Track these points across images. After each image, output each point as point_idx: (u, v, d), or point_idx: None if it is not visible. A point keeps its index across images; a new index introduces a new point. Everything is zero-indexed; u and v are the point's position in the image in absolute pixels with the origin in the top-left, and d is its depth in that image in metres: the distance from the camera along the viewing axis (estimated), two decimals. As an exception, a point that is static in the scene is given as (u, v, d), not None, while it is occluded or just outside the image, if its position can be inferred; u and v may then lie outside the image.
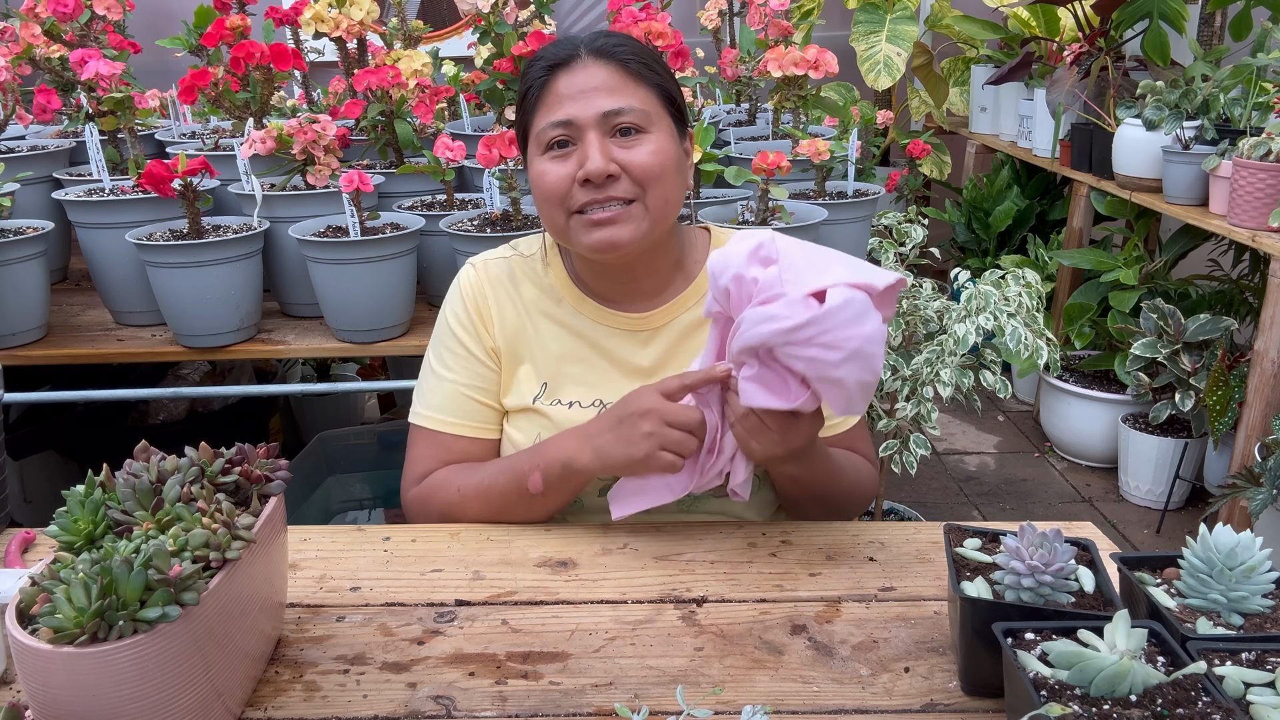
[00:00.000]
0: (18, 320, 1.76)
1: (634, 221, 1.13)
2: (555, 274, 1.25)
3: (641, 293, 1.23)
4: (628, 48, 1.15)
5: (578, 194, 1.12)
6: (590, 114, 1.11)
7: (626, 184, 1.12)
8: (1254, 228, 2.35)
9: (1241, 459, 2.42)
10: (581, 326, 1.23)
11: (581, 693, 0.87)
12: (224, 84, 1.92)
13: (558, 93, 1.13)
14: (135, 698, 0.71)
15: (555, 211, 1.14)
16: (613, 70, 1.13)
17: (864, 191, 1.93)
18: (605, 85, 1.12)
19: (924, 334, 2.23)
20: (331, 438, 2.32)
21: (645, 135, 1.12)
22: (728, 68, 2.31)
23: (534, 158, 1.15)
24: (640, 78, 1.14)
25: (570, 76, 1.13)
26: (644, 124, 1.13)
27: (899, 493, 3.04)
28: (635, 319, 1.23)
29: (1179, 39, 3.05)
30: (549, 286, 1.25)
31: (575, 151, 1.12)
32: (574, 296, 1.24)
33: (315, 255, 1.70)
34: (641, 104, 1.13)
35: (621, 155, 1.11)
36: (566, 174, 1.12)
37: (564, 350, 1.23)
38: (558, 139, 1.12)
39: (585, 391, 1.21)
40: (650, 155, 1.12)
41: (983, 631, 0.79)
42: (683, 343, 1.23)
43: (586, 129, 1.11)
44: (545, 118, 1.13)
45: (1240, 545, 0.81)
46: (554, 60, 1.14)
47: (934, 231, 3.08)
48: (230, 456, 0.88)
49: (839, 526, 1.16)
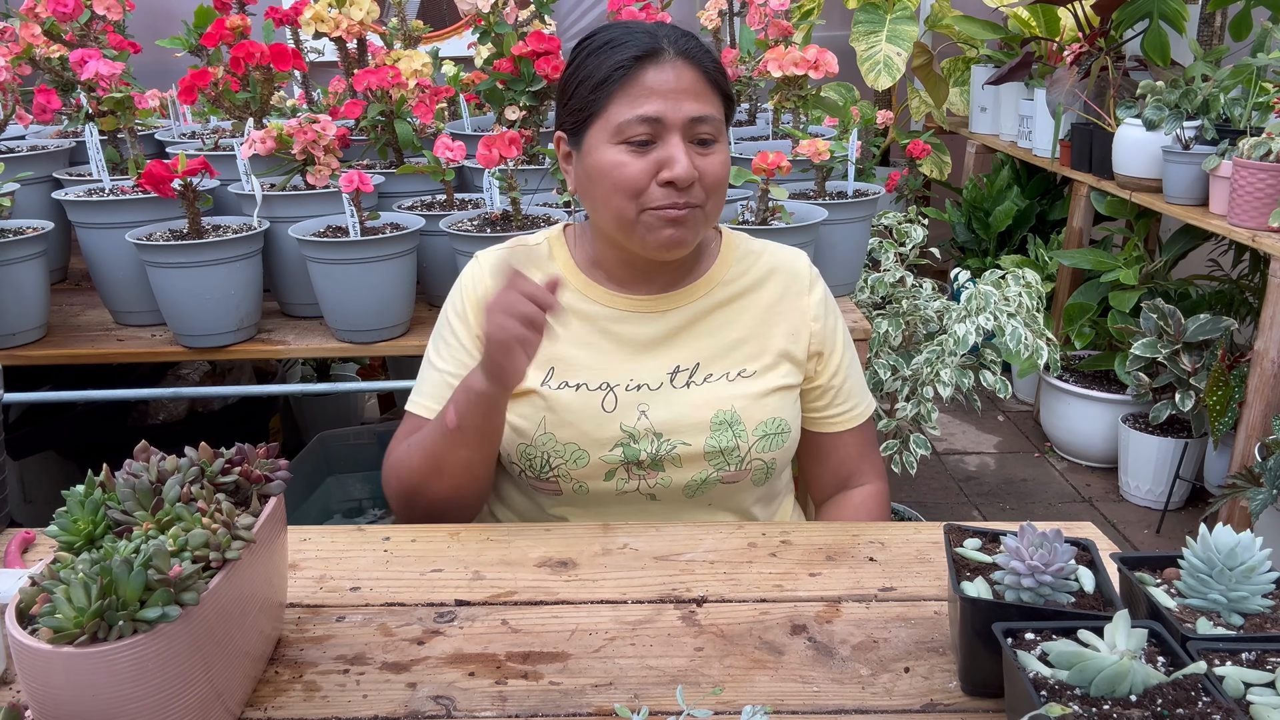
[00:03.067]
0: (18, 320, 1.76)
1: (697, 226, 1.17)
2: (561, 262, 1.28)
3: (657, 280, 1.25)
4: (709, 56, 1.17)
5: (656, 193, 1.13)
6: (680, 116, 1.12)
7: (698, 191, 1.15)
8: (1254, 228, 2.35)
9: (1241, 459, 2.42)
10: (588, 310, 1.25)
11: (581, 693, 0.87)
12: (224, 84, 1.92)
13: (646, 85, 1.12)
14: (135, 698, 0.71)
15: (626, 203, 1.14)
16: (697, 75, 1.14)
17: (864, 191, 1.93)
18: (692, 89, 1.13)
19: (924, 334, 2.24)
20: (331, 438, 2.32)
21: (717, 144, 1.16)
22: (728, 68, 2.31)
23: (603, 144, 1.14)
24: (716, 87, 1.16)
25: (659, 72, 1.13)
26: (716, 134, 1.16)
27: (899, 493, 3.04)
28: (644, 300, 1.25)
29: (1179, 39, 3.05)
30: (554, 272, 1.26)
31: (655, 150, 1.13)
32: (581, 282, 1.26)
33: (315, 255, 1.70)
34: (717, 113, 1.16)
35: (699, 162, 1.14)
36: (646, 170, 1.13)
37: (570, 334, 1.24)
38: (641, 135, 1.12)
39: (592, 375, 1.22)
40: (720, 166, 1.16)
41: (983, 631, 0.79)
42: (691, 326, 1.25)
43: (673, 130, 1.12)
44: (630, 109, 1.12)
45: (1240, 545, 0.81)
46: (641, 51, 1.13)
47: (934, 231, 3.09)
48: (230, 456, 0.88)
49: (839, 526, 1.17)
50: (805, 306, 1.28)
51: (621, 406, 1.21)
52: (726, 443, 1.20)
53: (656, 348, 1.24)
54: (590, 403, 1.21)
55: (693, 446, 1.20)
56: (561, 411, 1.21)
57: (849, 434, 1.31)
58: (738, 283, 1.27)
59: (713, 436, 1.20)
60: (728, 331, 1.25)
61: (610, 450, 1.20)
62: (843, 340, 1.31)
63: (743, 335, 1.25)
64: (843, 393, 1.30)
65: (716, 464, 1.21)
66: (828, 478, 1.34)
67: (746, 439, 1.21)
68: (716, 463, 1.21)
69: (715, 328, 1.25)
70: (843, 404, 1.30)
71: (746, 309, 1.26)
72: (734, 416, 1.21)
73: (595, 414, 1.21)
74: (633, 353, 1.24)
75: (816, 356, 1.27)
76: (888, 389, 2.16)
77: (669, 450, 1.20)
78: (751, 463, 1.21)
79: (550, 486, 1.23)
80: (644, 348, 1.24)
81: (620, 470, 1.21)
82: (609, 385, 1.22)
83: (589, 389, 1.22)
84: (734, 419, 1.20)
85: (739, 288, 1.27)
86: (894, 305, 2.24)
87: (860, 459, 1.33)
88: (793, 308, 1.27)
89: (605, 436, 1.20)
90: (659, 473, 1.21)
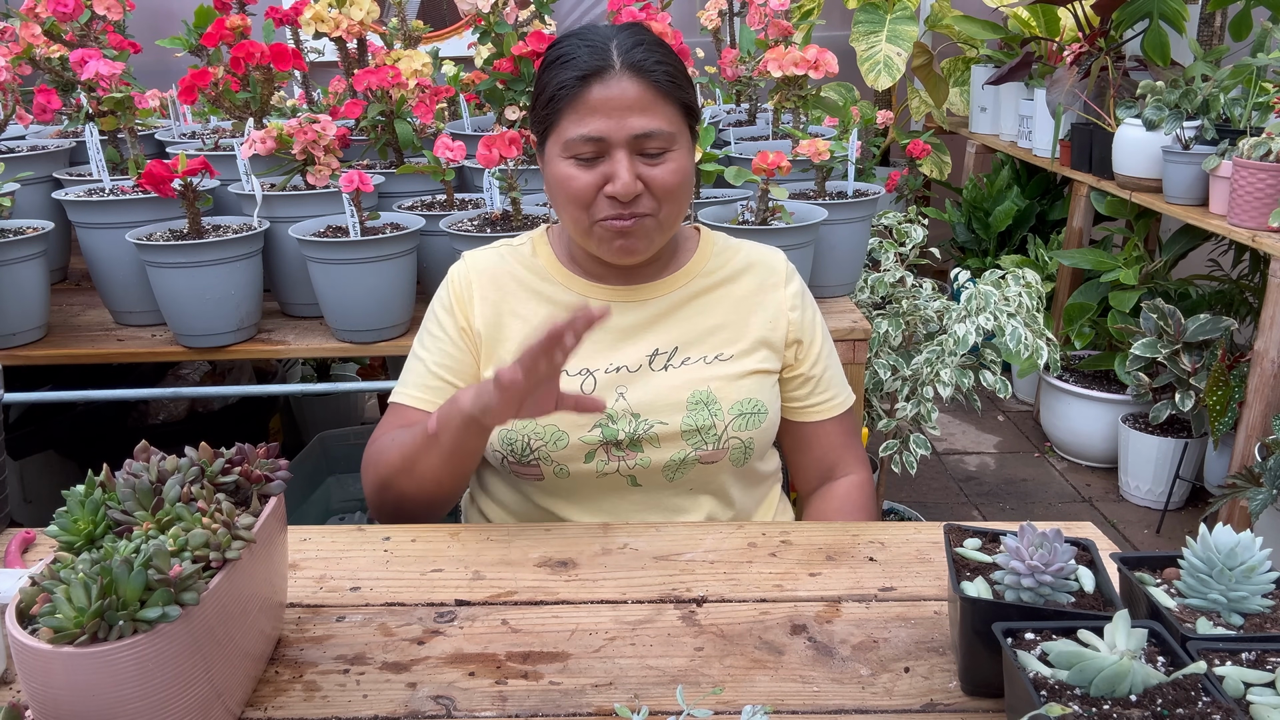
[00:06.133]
0: (18, 320, 1.76)
1: (650, 234, 1.20)
2: (544, 258, 1.31)
3: (636, 275, 1.29)
4: (663, 66, 1.17)
5: (602, 205, 1.17)
6: (623, 134, 1.14)
7: (648, 200, 1.17)
8: (1254, 228, 2.35)
9: (1241, 459, 2.42)
10: (570, 301, 1.28)
11: (581, 693, 0.87)
12: (224, 84, 1.92)
13: (589, 104, 1.14)
14: (135, 698, 0.71)
15: (579, 213, 1.19)
16: (645, 87, 1.15)
17: (864, 191, 1.93)
18: (637, 103, 1.14)
19: (924, 334, 2.24)
20: (331, 438, 2.32)
21: (669, 154, 1.17)
22: (728, 68, 2.31)
23: (556, 158, 1.18)
24: (669, 95, 1.17)
25: (604, 89, 1.14)
26: (668, 144, 1.17)
27: (899, 493, 3.04)
28: (625, 290, 1.28)
29: (1179, 39, 3.05)
30: (538, 267, 1.30)
31: (602, 163, 1.16)
32: (563, 275, 1.30)
33: (315, 255, 1.70)
34: (668, 124, 1.16)
35: (646, 172, 1.16)
36: (592, 183, 1.16)
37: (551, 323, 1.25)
38: (587, 152, 1.16)
39: (572, 362, 1.23)
40: (671, 174, 1.17)
41: (983, 631, 0.79)
42: (671, 313, 1.28)
43: (617, 147, 1.15)
44: (576, 128, 1.15)
45: (1240, 545, 0.81)
46: (587, 70, 1.14)
47: (934, 231, 3.09)
48: (230, 456, 0.88)
49: (839, 526, 1.17)
50: (782, 297, 1.31)
51: (600, 389, 1.24)
52: (703, 421, 1.23)
53: (636, 334, 1.27)
54: (569, 387, 1.23)
55: (670, 425, 1.22)
56: None
57: (831, 423, 1.34)
58: (716, 274, 1.30)
59: (689, 415, 1.23)
60: (706, 318, 1.28)
61: (589, 431, 1.22)
62: (821, 333, 1.34)
63: (721, 321, 1.28)
64: (823, 382, 1.33)
65: (694, 442, 1.23)
66: (812, 468, 1.37)
67: (722, 417, 1.23)
68: (694, 441, 1.23)
69: (694, 314, 1.28)
70: (823, 393, 1.33)
71: (725, 298, 1.30)
72: (709, 396, 1.23)
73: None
74: (613, 340, 1.26)
75: (796, 344, 1.30)
76: (888, 389, 2.16)
77: (646, 430, 1.22)
78: (728, 441, 1.24)
79: (532, 471, 1.24)
80: (624, 334, 1.27)
81: (600, 451, 1.23)
82: (588, 370, 1.25)
83: (569, 374, 1.24)
84: (709, 398, 1.23)
85: (717, 279, 1.30)
86: (894, 305, 2.24)
87: (843, 448, 1.36)
88: (770, 298, 1.30)
89: (584, 418, 1.22)
90: (638, 453, 1.23)
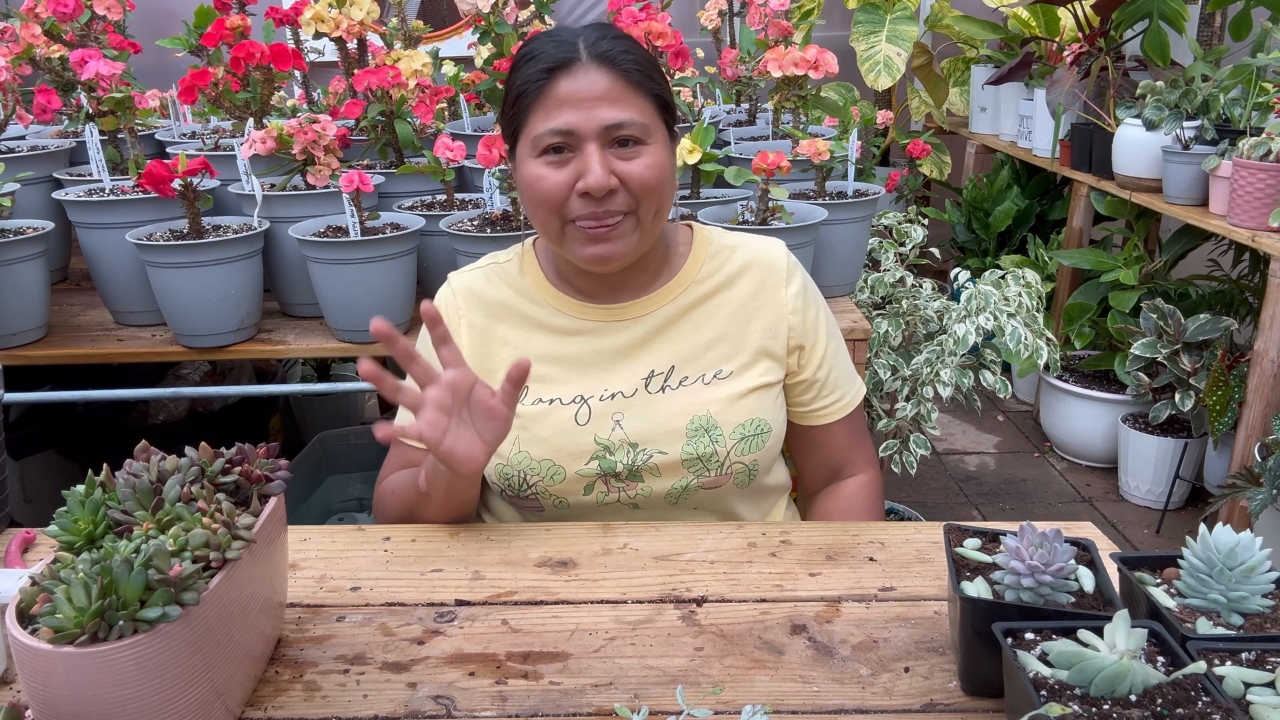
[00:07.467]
0: (18, 320, 1.76)
1: (628, 235, 1.14)
2: (532, 278, 1.26)
3: (626, 288, 1.23)
4: (631, 56, 1.13)
5: (575, 204, 1.12)
6: (593, 125, 1.10)
7: (624, 197, 1.12)
8: (1254, 228, 2.35)
9: (1241, 459, 2.42)
10: (561, 325, 1.23)
11: (581, 693, 0.87)
12: (224, 84, 1.92)
13: (557, 97, 1.10)
14: (135, 698, 0.71)
15: (550, 217, 1.14)
16: (614, 78, 1.11)
17: (864, 191, 1.93)
18: (607, 94, 1.10)
19: (924, 334, 2.24)
20: (331, 438, 2.32)
21: (644, 147, 1.12)
22: (728, 68, 2.31)
23: (526, 159, 1.14)
24: (640, 87, 1.12)
25: (571, 81, 1.10)
26: (643, 136, 1.12)
27: (899, 493, 3.04)
28: (616, 309, 1.23)
29: (1179, 39, 3.05)
30: (526, 289, 1.25)
31: (573, 160, 1.11)
32: (552, 297, 1.24)
33: (315, 255, 1.70)
34: (641, 115, 1.12)
35: (620, 167, 1.11)
36: (564, 182, 1.11)
37: (543, 350, 1.23)
38: (555, 145, 1.11)
39: (566, 389, 1.21)
40: (647, 169, 1.12)
41: (983, 631, 0.79)
42: (665, 330, 1.23)
43: (587, 140, 1.10)
44: (543, 123, 1.11)
45: (1240, 545, 0.81)
46: (553, 63, 1.11)
47: (934, 231, 3.09)
48: (230, 456, 0.88)
49: (839, 526, 1.17)
50: (782, 301, 1.25)
51: (595, 418, 1.20)
52: (704, 449, 1.18)
53: (630, 355, 1.23)
54: (563, 416, 1.20)
55: (669, 455, 1.19)
56: (534, 428, 1.20)
57: (838, 425, 1.30)
58: (710, 280, 1.25)
59: (689, 443, 1.18)
60: (702, 332, 1.23)
61: (586, 464, 1.19)
62: (825, 330, 1.28)
63: (718, 334, 1.23)
64: (828, 385, 1.28)
65: (695, 471, 1.19)
66: (819, 470, 1.34)
67: (724, 443, 1.19)
68: (695, 469, 1.19)
69: (689, 329, 1.23)
70: (829, 396, 1.28)
71: (721, 307, 1.24)
72: (710, 422, 1.19)
73: (568, 428, 1.19)
74: (607, 363, 1.22)
75: (798, 351, 1.25)
76: (888, 389, 2.16)
77: (645, 460, 1.19)
78: (731, 467, 1.20)
79: (531, 504, 1.23)
80: (617, 356, 1.22)
81: (598, 483, 1.20)
82: (583, 398, 1.20)
83: (562, 403, 1.21)
84: (710, 424, 1.19)
85: (712, 285, 1.25)
86: (894, 305, 2.24)
87: (850, 449, 1.32)
88: (769, 302, 1.24)
89: (579, 450, 1.19)
90: (638, 483, 1.20)
